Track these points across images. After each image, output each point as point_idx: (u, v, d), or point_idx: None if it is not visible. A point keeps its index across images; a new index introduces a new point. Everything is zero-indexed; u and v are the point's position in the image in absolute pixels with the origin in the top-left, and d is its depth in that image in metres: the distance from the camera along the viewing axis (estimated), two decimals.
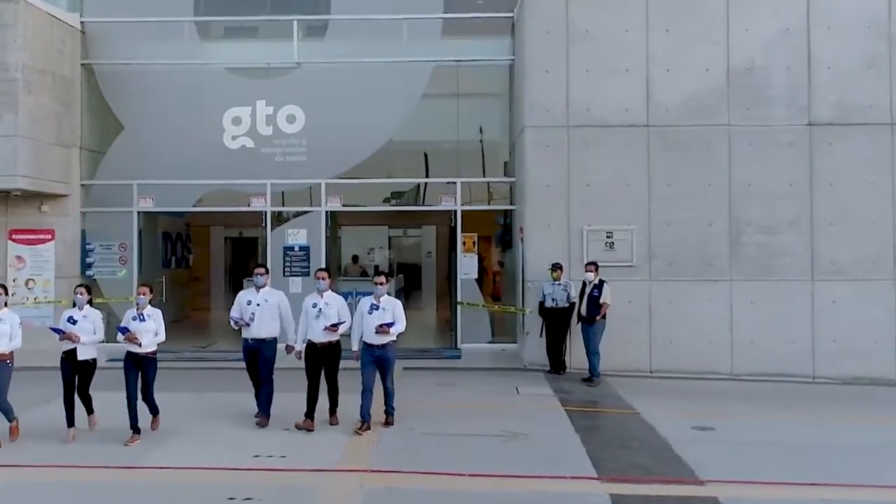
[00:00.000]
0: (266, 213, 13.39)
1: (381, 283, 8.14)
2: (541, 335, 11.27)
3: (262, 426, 8.07)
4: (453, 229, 13.48)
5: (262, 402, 8.20)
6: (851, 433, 8.26)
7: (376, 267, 18.96)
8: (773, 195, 11.27)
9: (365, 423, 7.89)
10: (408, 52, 13.41)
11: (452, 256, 13.69)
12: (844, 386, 10.93)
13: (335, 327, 7.99)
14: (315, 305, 8.08)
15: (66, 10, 13.29)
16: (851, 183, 11.21)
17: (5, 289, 7.59)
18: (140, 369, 7.56)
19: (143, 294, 7.65)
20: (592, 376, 10.56)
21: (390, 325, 7.93)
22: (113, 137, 13.75)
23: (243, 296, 8.42)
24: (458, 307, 13.25)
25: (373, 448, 7.43)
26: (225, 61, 13.96)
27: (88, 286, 8.09)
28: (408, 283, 19.60)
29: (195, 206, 14.30)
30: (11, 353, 7.39)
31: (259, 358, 8.21)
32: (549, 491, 6.35)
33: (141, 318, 7.57)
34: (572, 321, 11.05)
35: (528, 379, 10.82)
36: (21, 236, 12.97)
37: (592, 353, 10.59)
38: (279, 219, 13.73)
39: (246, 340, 8.29)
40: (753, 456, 7.29)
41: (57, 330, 7.57)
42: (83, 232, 13.43)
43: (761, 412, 9.40)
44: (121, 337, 7.54)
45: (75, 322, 7.55)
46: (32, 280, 12.96)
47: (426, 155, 14.19)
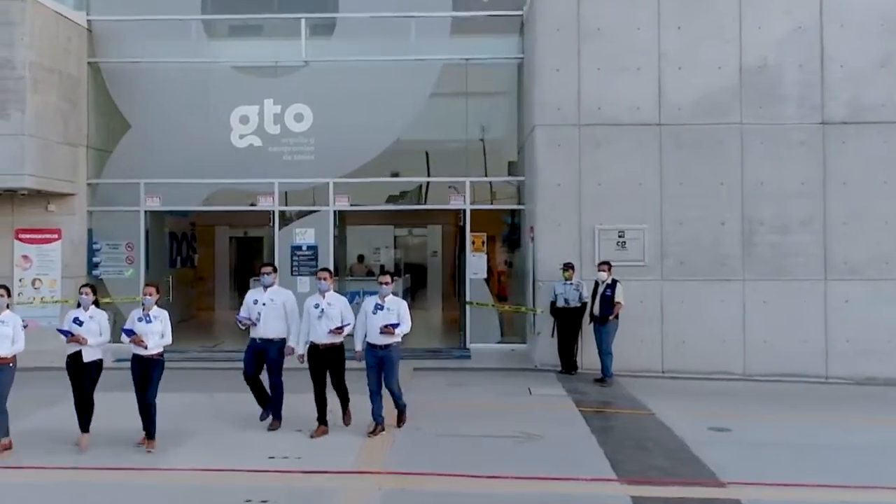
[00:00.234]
0: (274, 212, 13.31)
1: (386, 283, 7.89)
2: (552, 335, 11.20)
3: (275, 429, 7.98)
4: (461, 228, 13.41)
5: (273, 405, 8.08)
6: (867, 434, 8.19)
7: (382, 266, 18.88)
8: (785, 194, 11.19)
9: (378, 426, 7.81)
10: (416, 51, 13.31)
11: (462, 256, 13.57)
12: (858, 386, 10.85)
13: (340, 330, 7.80)
14: (317, 306, 7.87)
15: (72, 8, 13.15)
16: (864, 182, 11.13)
17: (7, 290, 7.29)
18: (145, 371, 7.28)
19: (150, 294, 7.41)
20: (605, 377, 10.49)
21: (395, 326, 7.71)
22: (119, 136, 13.65)
23: (250, 295, 8.30)
24: (468, 307, 13.16)
25: (388, 450, 7.36)
26: (232, 60, 13.86)
27: (94, 286, 7.79)
28: (413, 282, 19.52)
29: (202, 205, 14.21)
30: (14, 356, 7.08)
31: (266, 359, 8.05)
32: (569, 493, 6.29)
33: (147, 319, 7.31)
34: (584, 321, 10.98)
35: (539, 379, 10.75)
36: (27, 235, 12.86)
37: (605, 354, 10.52)
38: (283, 218, 13.56)
39: (253, 340, 8.14)
40: (771, 457, 7.25)
41: (64, 332, 7.29)
42: (90, 231, 13.34)
43: (776, 413, 9.33)
44: (126, 339, 7.30)
45: (81, 323, 7.28)
46: (39, 280, 12.86)
47: (427, 154, 14.11)
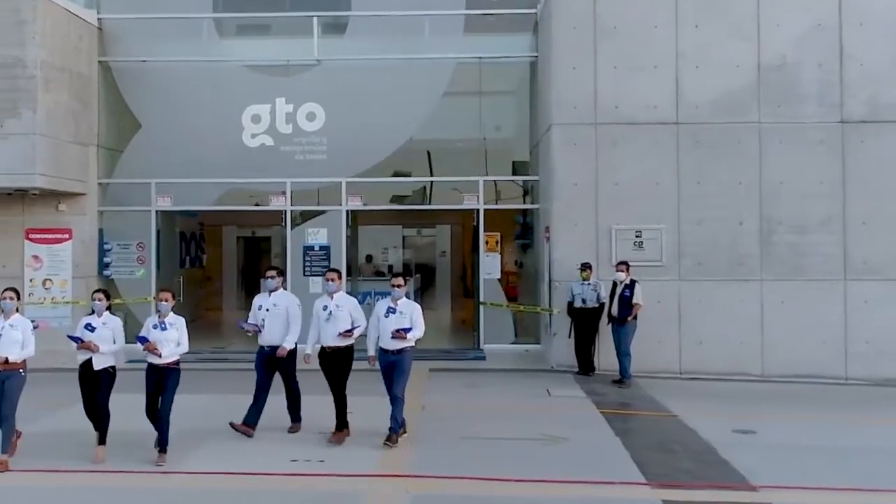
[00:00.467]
0: (286, 212, 13.22)
1: (398, 286, 7.59)
2: (569, 336, 11.10)
3: (295, 432, 7.90)
4: (475, 228, 13.31)
5: (290, 408, 7.99)
6: (891, 437, 8.11)
7: (390, 267, 18.80)
8: (804, 194, 11.08)
9: (401, 430, 7.52)
10: (429, 49, 13.22)
11: (475, 256, 13.48)
12: (877, 388, 10.74)
13: (349, 333, 7.60)
14: (325, 308, 7.66)
15: (83, 7, 13.06)
16: (884, 181, 11.02)
17: (17, 293, 7.01)
18: (160, 380, 6.98)
19: (166, 300, 7.06)
20: (623, 378, 10.39)
21: (407, 331, 7.42)
22: (130, 135, 13.56)
23: (256, 301, 8.14)
24: (481, 307, 13.07)
25: (412, 453, 7.25)
26: (244, 58, 13.80)
27: (107, 291, 7.48)
28: (422, 282, 19.44)
29: (214, 205, 14.11)
30: (24, 361, 6.79)
31: (277, 366, 7.87)
32: (599, 497, 6.20)
33: (162, 326, 6.98)
34: (602, 322, 10.88)
35: (557, 380, 10.65)
36: (38, 235, 12.75)
37: (623, 355, 10.41)
38: (295, 217, 13.48)
39: (262, 347, 7.94)
40: (799, 460, 7.17)
41: (74, 338, 6.95)
42: (101, 231, 13.24)
43: (799, 414, 9.26)
44: (140, 347, 7.01)
45: (93, 329, 6.94)
46: (50, 280, 12.76)
47: (429, 153, 13.99)
